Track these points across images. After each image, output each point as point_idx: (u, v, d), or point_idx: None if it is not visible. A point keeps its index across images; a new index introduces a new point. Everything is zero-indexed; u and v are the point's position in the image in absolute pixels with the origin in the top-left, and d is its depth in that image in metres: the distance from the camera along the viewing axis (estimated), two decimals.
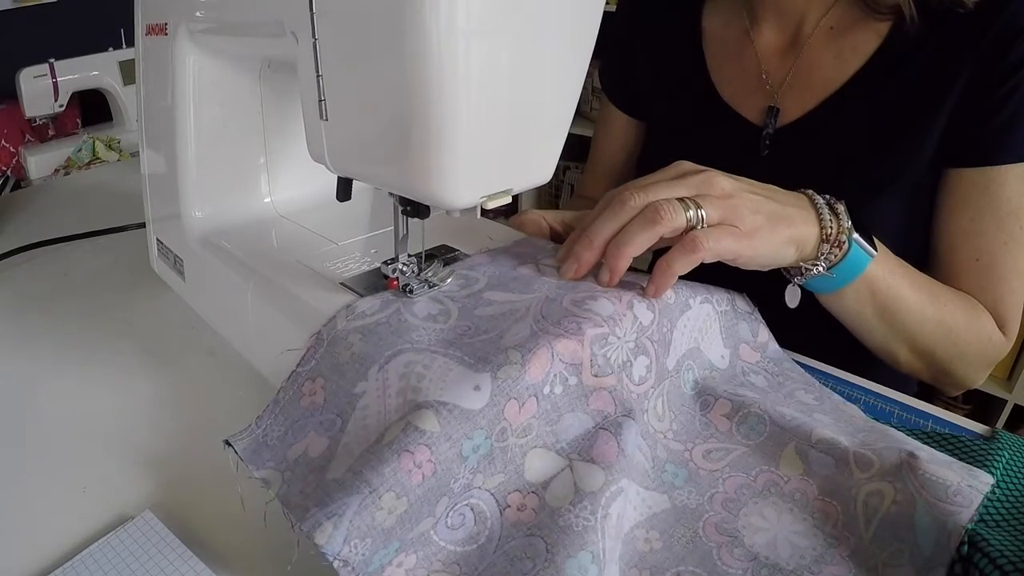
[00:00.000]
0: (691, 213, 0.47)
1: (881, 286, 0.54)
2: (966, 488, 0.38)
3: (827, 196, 0.52)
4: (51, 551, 0.41)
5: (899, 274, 0.56)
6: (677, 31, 0.75)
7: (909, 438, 0.45)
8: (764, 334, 0.54)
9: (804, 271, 0.52)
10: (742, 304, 0.53)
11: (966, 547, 0.36)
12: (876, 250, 0.53)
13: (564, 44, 0.40)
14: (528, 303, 0.45)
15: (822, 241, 0.51)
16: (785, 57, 0.68)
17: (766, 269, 0.51)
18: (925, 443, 0.45)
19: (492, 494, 0.39)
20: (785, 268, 0.53)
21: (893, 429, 0.47)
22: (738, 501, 0.42)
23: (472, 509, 0.38)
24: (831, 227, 0.51)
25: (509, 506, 0.39)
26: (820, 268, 0.51)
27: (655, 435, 0.46)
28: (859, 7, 0.63)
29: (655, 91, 0.78)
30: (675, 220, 0.46)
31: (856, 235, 0.52)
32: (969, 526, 0.37)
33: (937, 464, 0.40)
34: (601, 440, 0.41)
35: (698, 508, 0.42)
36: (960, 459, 0.43)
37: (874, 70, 0.63)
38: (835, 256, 0.51)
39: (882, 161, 0.63)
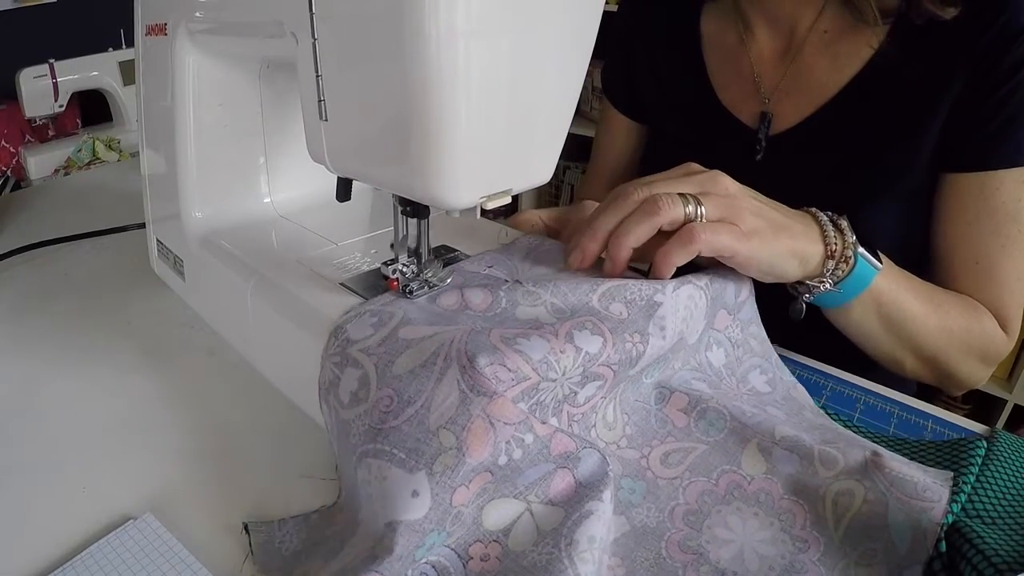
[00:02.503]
0: (690, 208, 0.47)
1: (886, 298, 0.54)
2: (932, 483, 0.38)
3: (830, 212, 0.53)
4: (51, 551, 0.40)
5: (903, 285, 0.56)
6: (677, 35, 0.75)
7: (863, 438, 0.45)
8: (746, 292, 0.52)
9: (812, 288, 0.52)
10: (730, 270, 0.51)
11: (943, 543, 0.36)
12: (881, 263, 0.53)
13: (564, 44, 0.40)
14: (451, 337, 0.40)
15: (827, 258, 0.51)
16: (780, 62, 0.68)
17: (767, 280, 0.51)
18: (878, 443, 0.45)
19: (452, 548, 0.38)
20: (792, 285, 0.53)
21: (841, 426, 0.47)
22: (700, 512, 0.41)
23: (434, 567, 0.37)
24: (835, 244, 0.51)
25: (472, 558, 0.37)
26: (827, 284, 0.51)
27: (607, 448, 0.44)
28: (849, 13, 0.63)
29: (656, 95, 0.78)
30: (673, 212, 0.47)
31: (861, 249, 0.52)
32: (948, 518, 0.37)
33: (899, 462, 0.40)
34: (558, 479, 0.40)
35: (659, 527, 0.41)
36: (926, 462, 0.43)
37: (870, 75, 0.63)
38: (842, 271, 0.51)
39: (879, 166, 0.63)
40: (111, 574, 0.38)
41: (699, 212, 0.47)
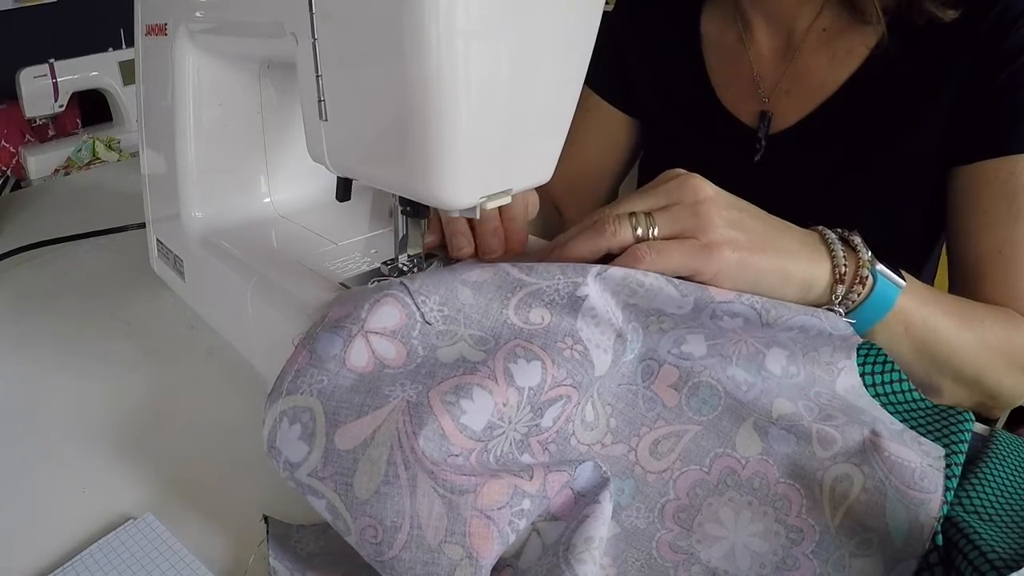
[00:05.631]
0: (640, 230, 0.44)
1: (915, 319, 0.48)
2: (929, 470, 0.38)
3: (840, 229, 0.48)
4: (51, 551, 0.41)
5: (931, 301, 0.50)
6: (677, 35, 0.75)
7: (864, 400, 0.43)
8: None
9: None
10: None
11: (939, 537, 0.37)
12: (904, 279, 0.47)
13: (563, 44, 0.40)
14: (393, 430, 0.36)
15: (836, 282, 0.45)
16: (779, 61, 0.68)
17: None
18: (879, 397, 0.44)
19: None
20: None
21: (845, 377, 0.44)
22: (691, 507, 0.40)
23: None
24: (845, 266, 0.45)
25: None
26: (839, 313, 0.45)
27: (590, 450, 0.42)
28: (848, 12, 0.63)
29: (655, 94, 0.78)
30: (619, 235, 0.43)
31: (880, 266, 0.46)
32: (944, 509, 0.37)
33: (898, 442, 0.39)
34: (558, 496, 0.39)
35: (648, 528, 0.40)
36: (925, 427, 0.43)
37: (869, 72, 0.63)
38: (857, 295, 0.46)
39: (880, 164, 0.63)
40: (111, 574, 0.39)
41: (651, 233, 0.44)
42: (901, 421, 0.43)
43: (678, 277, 0.43)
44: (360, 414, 0.37)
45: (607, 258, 0.44)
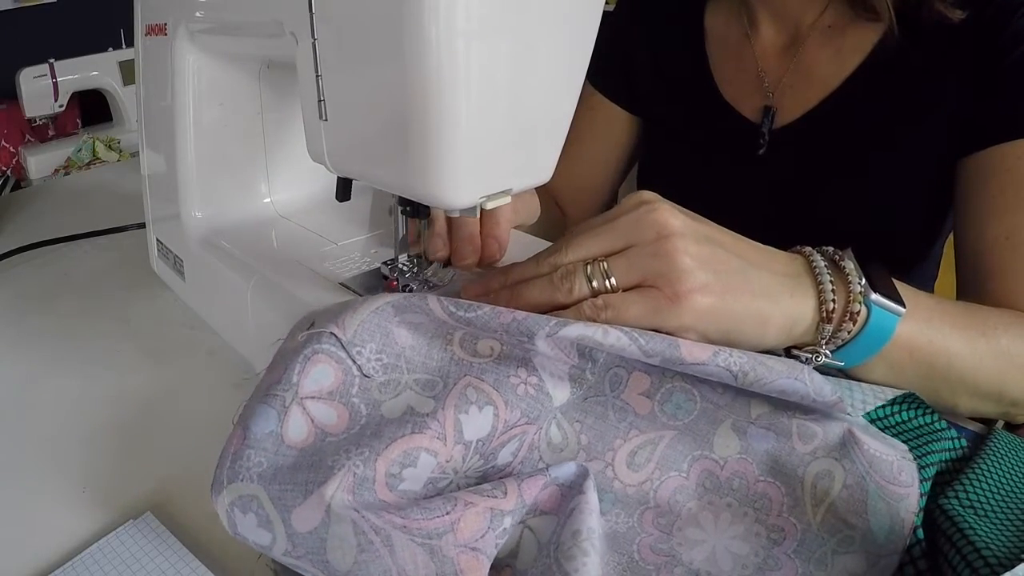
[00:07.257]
0: (596, 282, 0.40)
1: (920, 341, 0.44)
2: (904, 462, 0.38)
3: (830, 249, 0.43)
4: (51, 551, 0.40)
5: (936, 317, 0.45)
6: (680, 31, 0.75)
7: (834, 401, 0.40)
8: None
9: (805, 360, 0.41)
10: None
11: (920, 531, 0.37)
12: (904, 304, 0.42)
13: (563, 44, 0.40)
14: (349, 502, 0.34)
15: (822, 320, 0.41)
16: (783, 56, 0.69)
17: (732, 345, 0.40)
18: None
19: None
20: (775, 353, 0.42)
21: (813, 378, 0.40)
22: (671, 513, 0.39)
23: None
24: (833, 301, 0.41)
25: None
26: (824, 355, 0.41)
27: None
28: (851, 9, 0.63)
29: (656, 90, 0.78)
30: (574, 292, 0.40)
31: (875, 295, 0.41)
32: (922, 502, 0.37)
33: (870, 436, 0.39)
34: (543, 494, 0.38)
35: (629, 532, 0.39)
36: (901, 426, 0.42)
37: (872, 67, 0.63)
38: (848, 332, 0.41)
39: (882, 159, 0.63)
40: (111, 574, 0.39)
41: (607, 284, 0.40)
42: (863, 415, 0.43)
43: None
44: (307, 493, 0.34)
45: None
